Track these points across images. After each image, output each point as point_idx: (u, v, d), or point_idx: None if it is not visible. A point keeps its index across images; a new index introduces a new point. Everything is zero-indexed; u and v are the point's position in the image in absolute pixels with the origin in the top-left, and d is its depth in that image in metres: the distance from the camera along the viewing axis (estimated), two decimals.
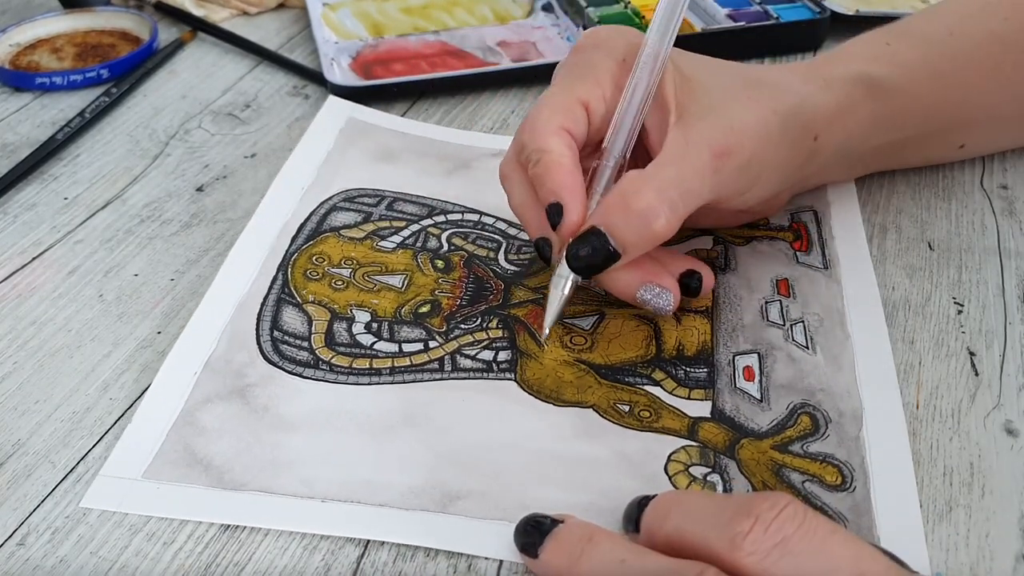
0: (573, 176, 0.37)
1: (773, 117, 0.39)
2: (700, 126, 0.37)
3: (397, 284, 0.43)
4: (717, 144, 0.37)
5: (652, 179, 0.36)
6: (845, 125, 0.42)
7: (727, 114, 0.38)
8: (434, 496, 0.34)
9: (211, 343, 0.40)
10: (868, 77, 0.43)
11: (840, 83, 0.42)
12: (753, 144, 0.38)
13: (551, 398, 0.38)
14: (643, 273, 0.38)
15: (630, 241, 0.36)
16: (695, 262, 0.40)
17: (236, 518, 0.33)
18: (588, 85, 0.39)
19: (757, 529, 0.26)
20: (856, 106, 0.42)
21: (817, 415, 0.36)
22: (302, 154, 0.52)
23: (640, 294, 0.38)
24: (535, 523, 0.31)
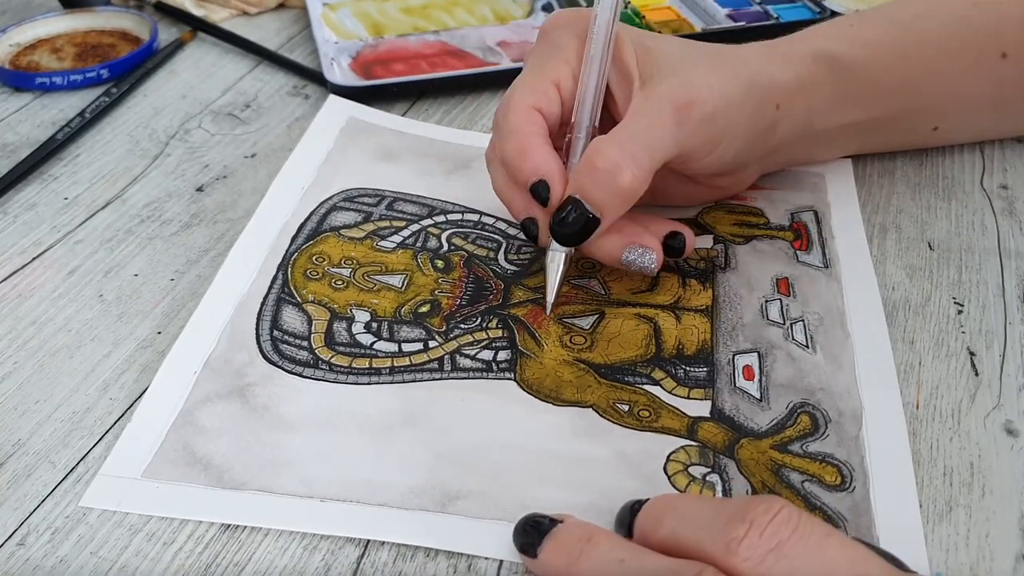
0: (548, 151, 0.39)
1: (734, 81, 0.40)
2: (662, 85, 0.39)
3: (397, 284, 0.43)
4: (678, 98, 0.38)
5: (613, 137, 0.38)
6: (806, 98, 0.44)
7: (688, 76, 0.39)
8: (434, 496, 0.34)
9: (211, 342, 0.40)
10: (828, 53, 0.44)
11: (799, 58, 0.44)
12: (715, 99, 0.39)
13: (551, 398, 0.38)
14: (625, 236, 0.40)
15: (603, 202, 0.37)
16: (677, 224, 0.42)
17: (236, 518, 0.33)
18: (556, 63, 0.40)
19: (752, 534, 0.26)
20: (816, 81, 0.44)
21: (817, 414, 0.36)
22: (302, 154, 0.52)
23: (624, 256, 0.39)
24: (534, 523, 0.31)
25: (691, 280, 0.43)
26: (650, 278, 0.43)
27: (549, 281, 0.40)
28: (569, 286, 0.43)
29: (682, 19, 0.66)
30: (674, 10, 0.67)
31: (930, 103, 0.49)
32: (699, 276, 0.43)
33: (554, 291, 0.40)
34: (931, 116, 0.50)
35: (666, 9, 0.67)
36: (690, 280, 0.43)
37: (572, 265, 0.44)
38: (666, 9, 0.67)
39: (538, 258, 0.45)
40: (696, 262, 0.44)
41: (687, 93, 0.38)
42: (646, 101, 0.39)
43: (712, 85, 0.39)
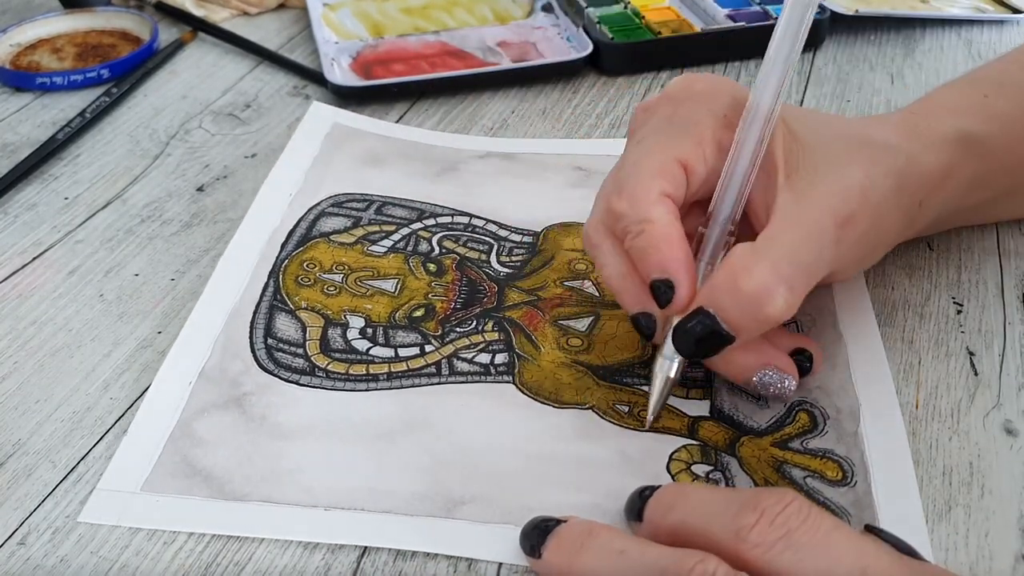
0: (683, 250, 0.34)
1: (887, 180, 0.35)
2: (818, 190, 0.33)
3: (390, 289, 0.43)
4: (839, 211, 0.33)
5: (764, 254, 0.32)
6: (946, 187, 0.39)
7: (844, 176, 0.34)
8: (438, 501, 0.33)
9: (205, 352, 0.40)
10: (968, 135, 0.39)
11: (942, 143, 0.38)
12: (872, 210, 0.34)
13: (550, 400, 0.37)
14: (759, 355, 0.35)
15: (741, 325, 0.33)
16: (801, 338, 0.37)
17: (239, 529, 0.33)
18: (688, 144, 0.35)
19: (763, 522, 0.27)
20: (957, 167, 0.39)
21: (815, 412, 0.36)
22: (288, 160, 0.52)
23: (759, 378, 0.35)
24: (541, 526, 0.31)
25: None
26: None
27: (655, 390, 0.35)
28: (562, 288, 0.43)
29: (682, 19, 0.66)
30: (674, 10, 0.67)
31: None
32: None
33: (658, 403, 0.35)
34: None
35: (666, 9, 0.67)
36: None
37: (565, 267, 0.44)
38: (666, 9, 0.67)
39: (531, 259, 0.45)
40: None
41: (847, 204, 0.33)
42: (799, 207, 0.33)
43: (867, 188, 0.34)
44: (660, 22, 0.65)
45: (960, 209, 0.42)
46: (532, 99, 0.60)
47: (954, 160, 0.38)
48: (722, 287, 0.33)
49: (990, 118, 0.40)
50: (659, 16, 0.66)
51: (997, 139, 0.40)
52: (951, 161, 0.38)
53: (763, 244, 0.33)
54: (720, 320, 0.33)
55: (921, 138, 0.38)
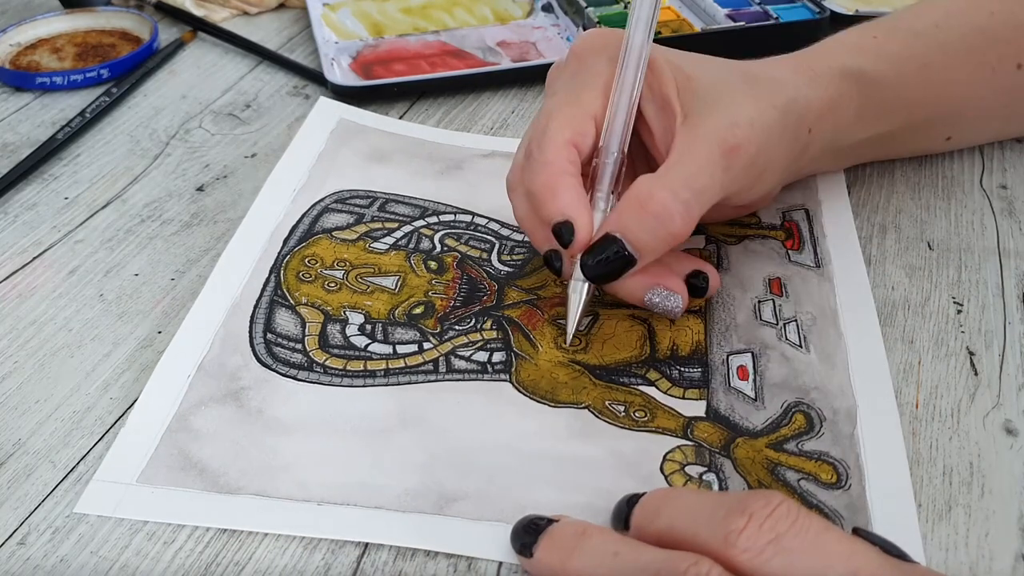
0: (578, 193, 0.37)
1: (773, 111, 0.39)
2: (707, 124, 0.37)
3: (390, 285, 0.43)
4: (725, 141, 0.37)
5: (664, 180, 0.36)
6: (834, 118, 0.43)
7: (731, 110, 0.38)
8: (430, 498, 0.34)
9: (204, 346, 0.40)
10: (855, 70, 0.43)
11: (829, 76, 0.42)
12: (758, 139, 0.38)
13: (546, 399, 0.38)
14: (650, 276, 0.38)
15: (647, 244, 0.36)
16: (700, 262, 0.40)
17: (232, 522, 0.33)
18: (592, 93, 0.39)
19: (751, 527, 0.26)
20: (845, 99, 0.43)
21: (811, 413, 0.36)
22: (293, 156, 0.52)
23: (648, 297, 0.38)
24: (531, 525, 0.31)
25: None
26: None
27: (571, 312, 0.39)
28: (562, 287, 0.43)
29: (682, 19, 0.66)
30: (674, 10, 0.67)
31: (947, 113, 0.49)
32: None
33: (575, 322, 0.39)
34: (946, 126, 0.50)
35: (666, 9, 0.67)
36: None
37: None
38: (666, 9, 0.67)
39: (532, 259, 0.45)
40: None
41: (733, 134, 0.37)
42: (693, 141, 0.37)
43: (754, 120, 0.38)
44: (660, 22, 0.65)
45: (858, 142, 0.46)
46: (532, 99, 0.60)
47: (841, 91, 0.42)
48: (628, 212, 0.36)
49: (878, 57, 0.45)
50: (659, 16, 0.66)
51: (885, 74, 0.44)
52: (838, 92, 0.42)
53: (662, 173, 0.37)
54: (626, 243, 0.36)
55: (808, 72, 0.42)
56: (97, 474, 0.35)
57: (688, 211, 0.36)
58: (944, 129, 0.50)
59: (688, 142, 0.37)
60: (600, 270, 0.37)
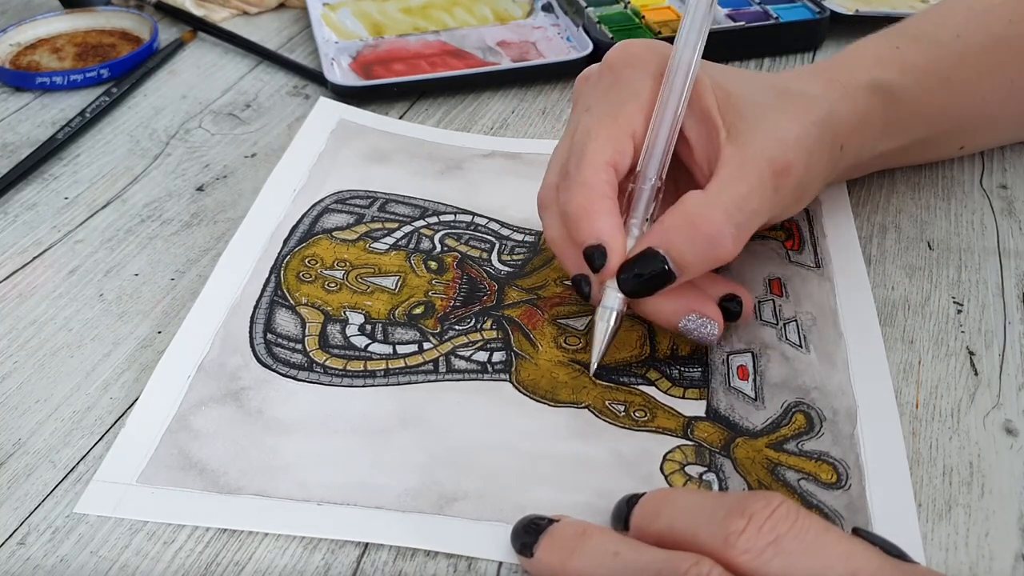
0: (615, 218, 0.36)
1: (813, 128, 0.38)
2: (755, 143, 0.37)
3: (390, 286, 0.43)
4: (776, 161, 0.36)
5: (718, 200, 0.35)
6: (863, 132, 0.42)
7: (777, 129, 0.37)
8: (430, 498, 0.34)
9: (204, 346, 0.40)
10: (883, 84, 0.43)
11: (858, 91, 0.42)
12: (804, 158, 0.37)
13: (546, 398, 0.37)
14: (687, 301, 0.37)
15: (691, 264, 0.36)
16: (733, 285, 0.39)
17: (232, 522, 0.33)
18: (632, 111, 0.38)
19: (751, 528, 0.26)
20: (873, 114, 0.42)
21: (811, 413, 0.36)
22: (293, 156, 0.52)
23: (684, 324, 0.37)
24: (532, 525, 0.31)
25: None
26: None
27: (597, 339, 0.37)
28: (563, 287, 0.43)
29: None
30: (674, 10, 0.67)
31: (964, 124, 0.48)
32: None
33: (600, 351, 0.37)
34: (962, 136, 0.50)
35: (666, 9, 0.67)
36: None
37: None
38: (666, 9, 0.67)
39: (532, 258, 0.45)
40: None
41: (783, 154, 0.37)
42: (743, 161, 0.36)
43: (800, 138, 0.37)
44: (660, 22, 0.65)
45: (879, 154, 0.45)
46: (532, 99, 0.60)
47: (869, 107, 0.42)
48: (677, 229, 0.35)
49: (903, 69, 0.44)
50: (659, 16, 0.66)
51: (909, 88, 0.44)
52: (867, 108, 0.42)
53: (715, 193, 0.36)
54: (668, 259, 0.35)
55: (839, 87, 0.41)
56: (97, 474, 0.35)
57: (740, 234, 0.36)
58: (960, 139, 0.50)
59: (738, 162, 0.36)
60: (637, 285, 0.36)
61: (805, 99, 0.40)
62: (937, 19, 0.48)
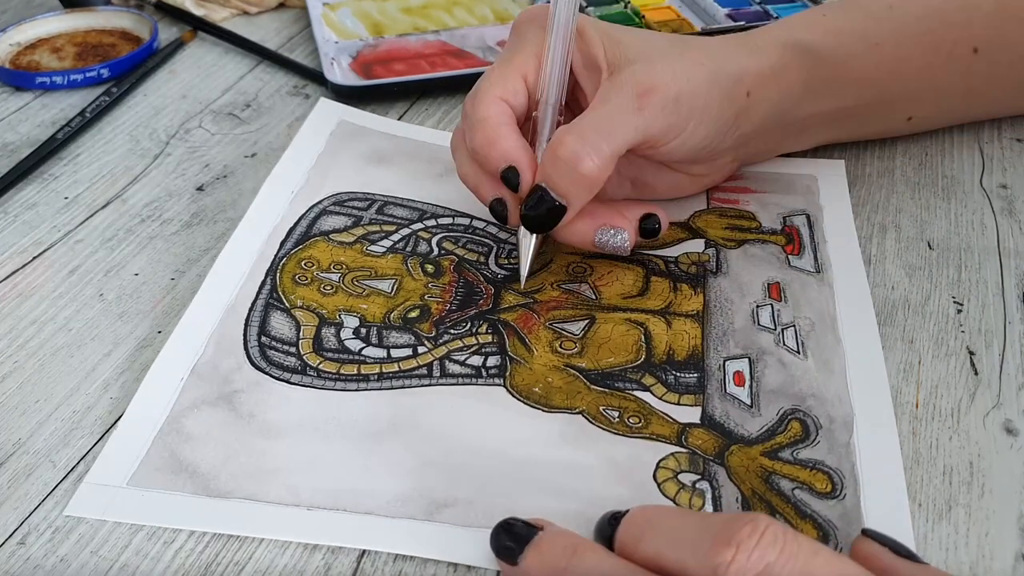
0: (518, 139, 0.40)
1: (700, 67, 0.41)
2: (625, 72, 0.40)
3: (386, 289, 0.43)
4: (640, 84, 0.39)
5: (575, 125, 0.38)
6: (777, 85, 0.44)
7: (653, 62, 0.40)
8: (421, 504, 0.33)
9: (198, 348, 0.40)
10: (799, 42, 0.45)
11: (771, 47, 0.44)
12: (679, 84, 0.39)
13: (540, 404, 0.37)
14: (597, 219, 0.41)
15: (567, 189, 0.38)
16: (650, 206, 0.42)
17: (221, 527, 0.33)
18: (523, 56, 0.41)
19: (740, 558, 0.26)
20: (787, 69, 0.44)
21: (808, 421, 0.36)
22: (292, 157, 0.52)
23: (597, 237, 0.41)
24: (509, 528, 0.30)
25: (682, 285, 0.43)
26: (641, 282, 0.43)
27: (523, 256, 0.42)
28: (559, 290, 0.43)
29: (682, 19, 0.66)
30: (674, 10, 0.67)
31: (904, 94, 0.49)
32: (690, 281, 0.43)
33: (527, 265, 0.42)
34: (905, 106, 0.50)
35: (666, 9, 0.67)
36: (681, 285, 0.43)
37: (563, 270, 0.44)
38: (666, 9, 0.67)
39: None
40: (687, 267, 0.44)
41: (649, 78, 0.39)
42: (607, 88, 0.39)
43: (676, 71, 0.40)
44: (660, 22, 0.65)
45: (814, 116, 0.47)
46: None
47: (784, 61, 0.44)
48: (547, 160, 0.39)
49: (826, 32, 0.46)
50: (659, 16, 0.66)
51: (831, 49, 0.46)
52: (780, 62, 0.44)
53: (576, 120, 0.39)
54: (551, 192, 0.39)
55: (748, 46, 0.44)
56: (88, 476, 0.35)
57: (598, 152, 0.38)
58: (903, 109, 0.51)
59: (605, 90, 0.39)
60: (535, 220, 0.40)
61: (701, 48, 0.42)
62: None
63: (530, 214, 0.39)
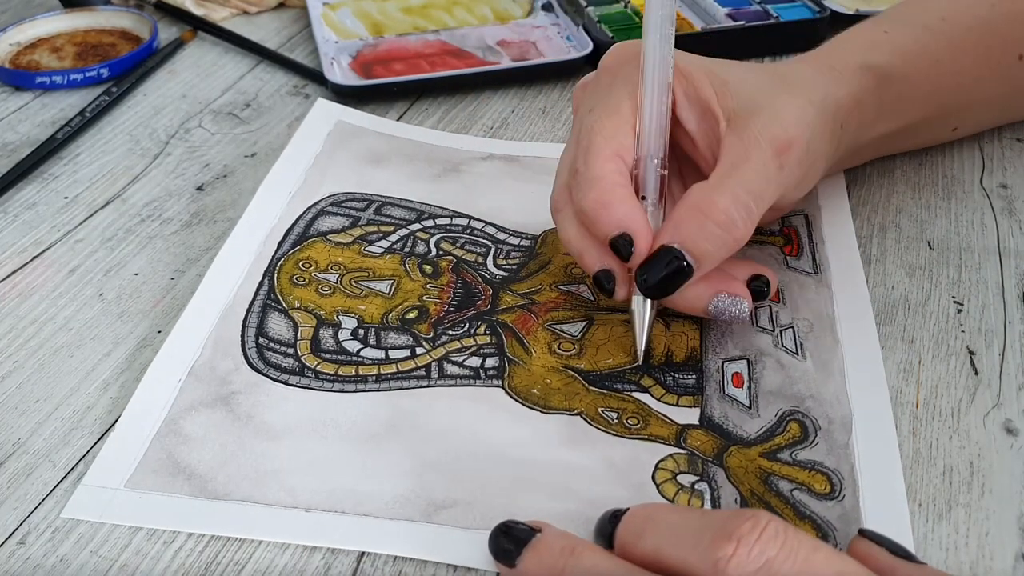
0: (633, 203, 0.37)
1: (811, 107, 0.39)
2: (755, 125, 0.37)
3: (384, 290, 0.43)
4: (777, 139, 0.37)
5: (722, 186, 0.36)
6: (859, 114, 0.43)
7: (775, 109, 0.38)
8: (419, 505, 0.33)
9: (196, 350, 0.40)
10: (873, 65, 0.44)
11: (851, 73, 0.43)
12: (805, 134, 0.38)
13: (538, 405, 0.37)
14: (713, 284, 0.37)
15: (707, 253, 0.36)
16: (758, 266, 0.40)
17: (219, 529, 0.33)
18: (631, 104, 0.39)
19: (740, 553, 0.26)
20: (866, 94, 0.43)
21: (806, 422, 0.36)
22: (289, 158, 0.52)
23: (714, 305, 0.37)
24: (508, 530, 0.30)
25: None
26: None
27: (637, 330, 0.38)
28: (558, 292, 0.43)
29: (682, 19, 0.66)
30: None
31: (955, 106, 0.49)
32: None
33: (643, 342, 0.38)
34: (953, 118, 0.50)
35: None
36: None
37: (562, 271, 0.44)
38: None
39: (527, 263, 0.45)
40: None
41: (784, 133, 0.37)
42: (743, 144, 0.37)
43: (799, 118, 0.38)
44: None
45: (877, 137, 0.46)
46: (532, 98, 0.60)
47: (863, 87, 0.43)
48: (688, 221, 0.36)
49: (892, 51, 0.45)
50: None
51: (900, 69, 0.45)
52: (861, 88, 0.43)
53: (718, 179, 0.36)
54: (684, 253, 0.36)
55: (833, 70, 0.42)
56: (85, 479, 0.35)
57: (750, 216, 0.36)
58: (951, 121, 0.51)
59: (739, 146, 0.37)
60: (658, 284, 0.36)
61: (801, 82, 0.40)
62: (921, 3, 0.49)
63: (651, 278, 0.36)
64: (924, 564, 0.28)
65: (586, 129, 0.38)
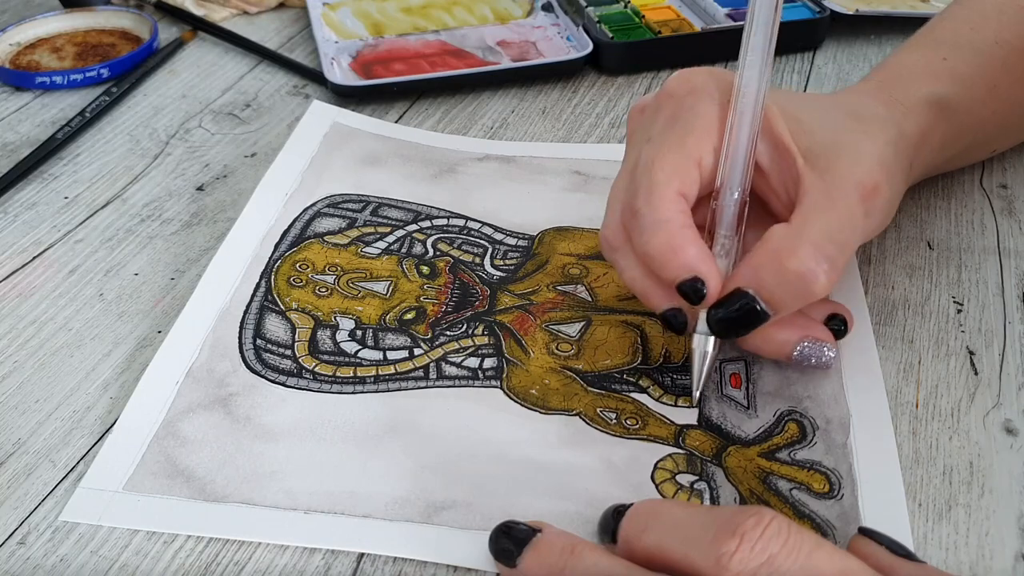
0: (701, 247, 0.35)
1: (888, 148, 0.37)
2: (839, 168, 0.35)
3: (382, 291, 0.43)
4: (863, 185, 0.35)
5: (804, 233, 0.34)
6: (927, 148, 0.41)
7: (857, 152, 0.36)
8: (418, 507, 0.33)
9: (193, 352, 0.40)
10: (938, 98, 0.42)
11: (918, 108, 0.41)
12: (888, 178, 0.36)
13: (537, 405, 0.37)
14: (798, 328, 0.36)
15: (783, 302, 0.34)
16: (834, 304, 0.38)
17: (218, 531, 0.33)
18: (697, 139, 0.36)
19: (743, 548, 0.26)
20: (932, 129, 0.41)
21: (804, 422, 0.36)
22: (286, 160, 0.52)
23: (799, 351, 0.36)
24: (509, 530, 0.30)
25: None
26: None
27: (696, 368, 0.36)
28: (555, 292, 0.43)
29: (682, 18, 0.66)
30: (674, 9, 0.67)
31: (1005, 130, 0.48)
32: None
33: (701, 380, 0.36)
34: (996, 141, 0.49)
35: (666, 9, 0.67)
36: None
37: (559, 271, 0.44)
38: (666, 9, 0.67)
39: (524, 263, 0.45)
40: None
41: (870, 177, 0.35)
42: (827, 187, 0.34)
43: (881, 159, 0.36)
44: (660, 21, 0.65)
45: (932, 164, 0.45)
46: (532, 98, 0.60)
47: (929, 122, 0.41)
48: (766, 268, 0.34)
49: (953, 80, 0.43)
50: (659, 15, 0.66)
51: (962, 99, 0.43)
52: (928, 124, 0.41)
53: (800, 225, 0.34)
54: (759, 299, 0.34)
55: (901, 106, 0.40)
56: (83, 481, 0.35)
57: (833, 268, 0.33)
58: (995, 144, 0.50)
59: (822, 188, 0.34)
60: (729, 325, 0.35)
61: (876, 120, 0.38)
62: (970, 23, 0.46)
63: (723, 317, 0.34)
64: (924, 563, 0.28)
65: (645, 163, 0.36)
